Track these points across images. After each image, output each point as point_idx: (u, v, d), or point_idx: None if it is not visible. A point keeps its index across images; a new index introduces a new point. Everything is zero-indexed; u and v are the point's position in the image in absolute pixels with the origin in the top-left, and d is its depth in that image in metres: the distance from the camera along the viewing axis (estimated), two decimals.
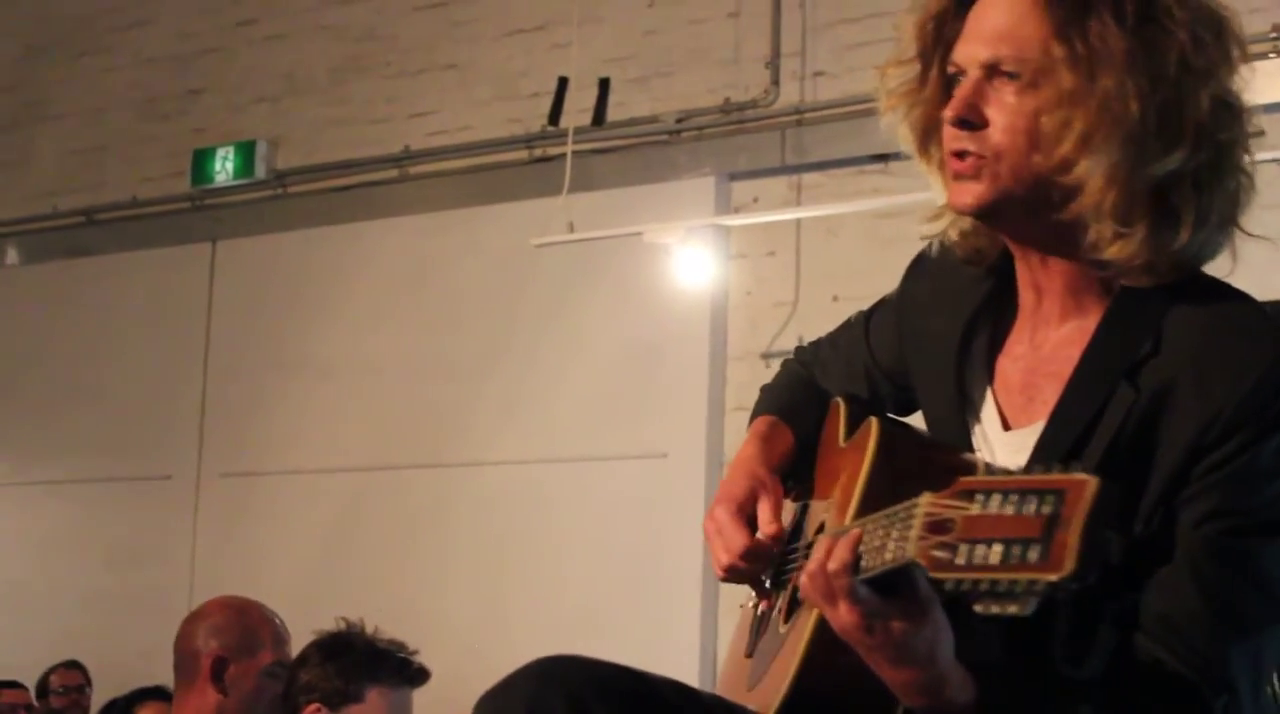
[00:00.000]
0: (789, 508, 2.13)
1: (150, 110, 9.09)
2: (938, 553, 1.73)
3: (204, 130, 8.88)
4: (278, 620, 4.66)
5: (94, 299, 8.97)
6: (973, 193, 2.13)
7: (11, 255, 9.47)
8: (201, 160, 8.76)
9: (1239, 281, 2.15)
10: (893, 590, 1.85)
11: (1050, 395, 2.13)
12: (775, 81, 7.31)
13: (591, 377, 7.45)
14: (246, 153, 8.64)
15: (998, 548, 1.68)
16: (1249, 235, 2.14)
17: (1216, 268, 2.16)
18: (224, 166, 8.68)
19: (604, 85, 7.55)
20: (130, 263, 8.94)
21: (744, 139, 7.34)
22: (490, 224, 7.84)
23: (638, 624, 6.29)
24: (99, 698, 7.51)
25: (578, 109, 7.55)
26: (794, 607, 2.25)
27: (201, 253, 8.78)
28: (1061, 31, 2.09)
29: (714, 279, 7.31)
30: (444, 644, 5.33)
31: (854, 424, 2.34)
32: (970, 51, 2.15)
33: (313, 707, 4.24)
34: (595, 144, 7.65)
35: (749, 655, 2.44)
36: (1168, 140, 2.07)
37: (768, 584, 2.39)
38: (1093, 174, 2.05)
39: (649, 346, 7.31)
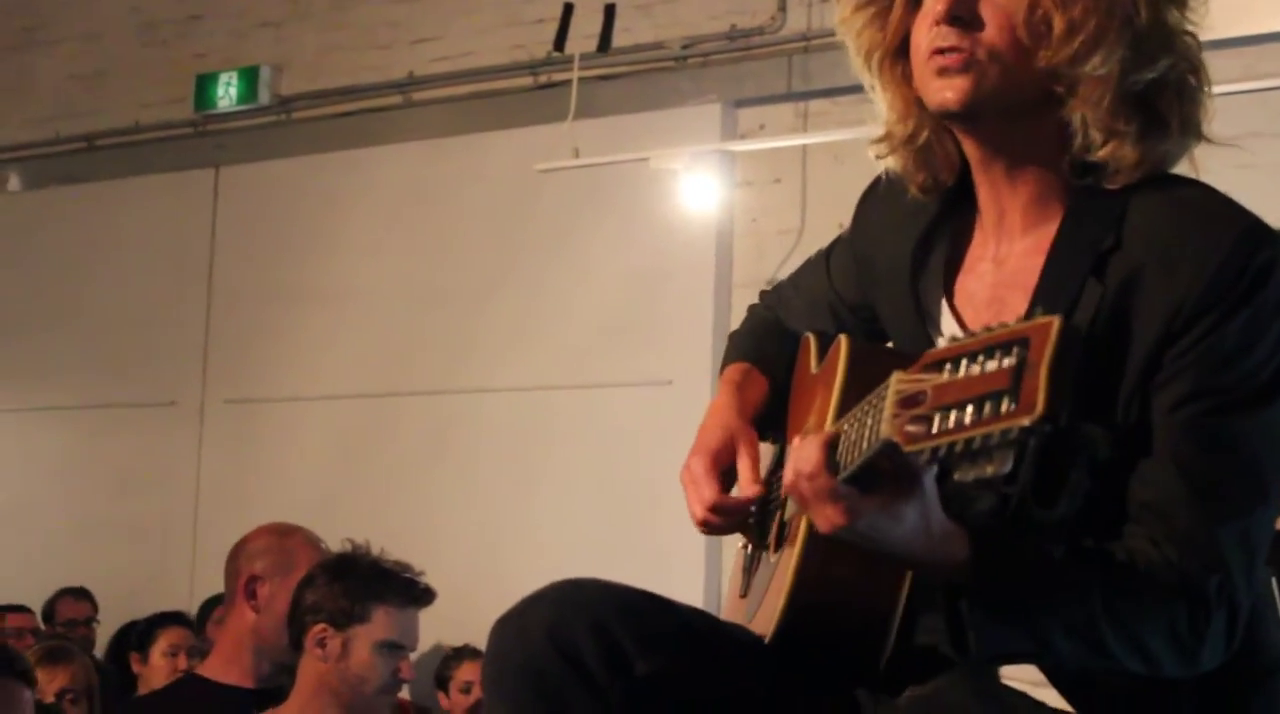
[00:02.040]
0: (769, 452, 2.12)
1: (151, 35, 9.06)
2: (912, 427, 1.73)
3: (206, 55, 8.86)
4: (320, 544, 4.70)
5: (96, 225, 8.95)
6: (957, 88, 2.11)
7: (13, 181, 9.46)
8: (204, 86, 8.75)
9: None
10: (877, 478, 1.86)
11: (1018, 304, 2.11)
12: (782, 8, 7.27)
13: (596, 303, 7.46)
14: (249, 78, 8.62)
15: (970, 408, 1.68)
16: (1212, 143, 2.18)
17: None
18: (227, 92, 8.66)
19: (609, 11, 7.51)
20: (132, 189, 8.93)
21: (750, 65, 7.32)
22: (494, 150, 7.83)
23: (641, 550, 6.31)
24: (107, 619, 7.54)
25: (583, 35, 7.52)
26: (783, 538, 2.26)
27: (204, 179, 8.76)
28: None
29: (720, 206, 7.32)
30: (449, 567, 5.34)
31: (824, 353, 2.34)
32: None
33: (319, 627, 4.27)
34: (600, 70, 7.63)
35: (743, 595, 2.46)
36: (1160, 46, 2.10)
37: (757, 522, 2.39)
38: (1099, 70, 2.06)
39: (654, 273, 7.31)
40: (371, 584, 4.29)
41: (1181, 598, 2.03)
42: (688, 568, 6.40)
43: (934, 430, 1.70)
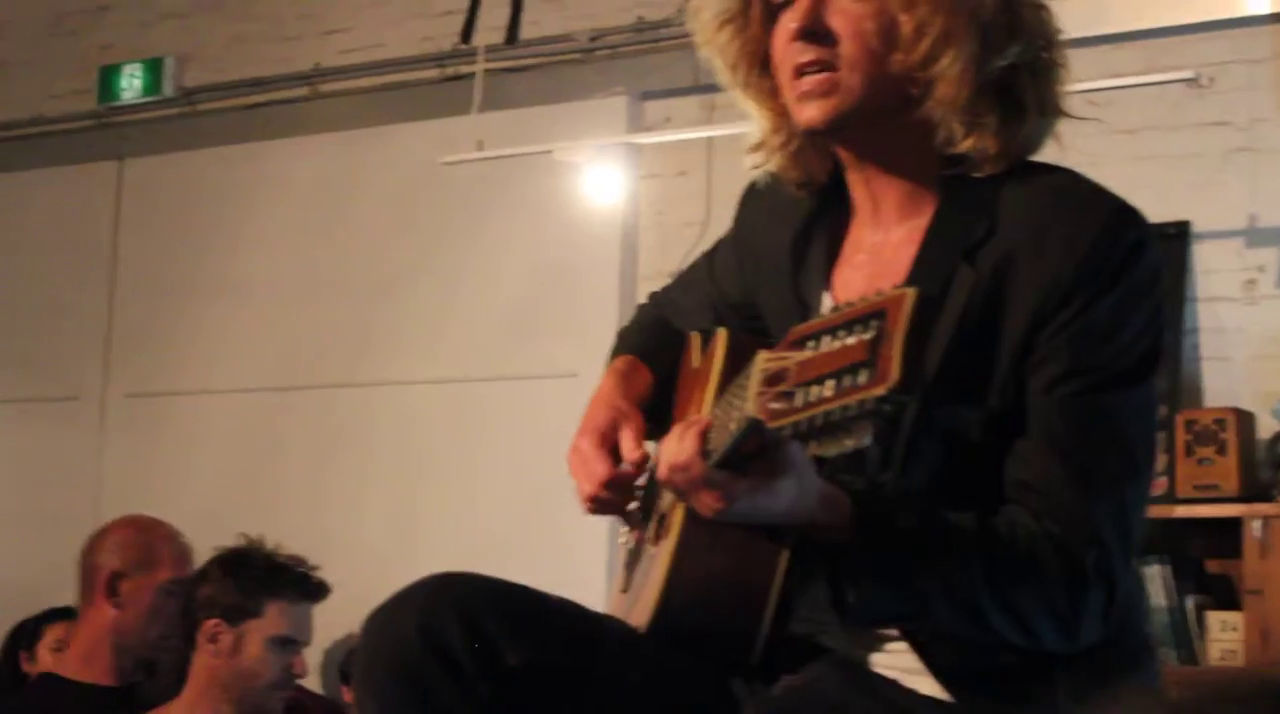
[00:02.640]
0: (694, 422, 2.12)
1: (56, 26, 8.97)
2: (775, 404, 1.78)
3: (111, 47, 8.77)
4: (181, 539, 4.68)
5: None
6: (823, 108, 2.21)
7: None
8: (108, 77, 8.64)
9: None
10: (749, 458, 1.91)
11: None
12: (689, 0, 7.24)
13: (501, 296, 7.46)
14: (154, 70, 8.53)
15: (830, 382, 1.73)
16: (1076, 118, 2.30)
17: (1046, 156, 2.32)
18: (131, 84, 8.56)
19: (517, 3, 7.51)
20: (35, 181, 8.83)
21: (657, 58, 7.30)
22: (401, 142, 7.80)
23: (548, 542, 6.32)
24: (5, 618, 7.46)
25: (490, 27, 7.51)
26: (661, 531, 2.30)
27: (108, 171, 8.67)
28: None
29: (625, 198, 7.33)
30: (356, 563, 5.35)
31: (707, 349, 2.40)
32: None
33: (212, 621, 4.27)
34: (507, 63, 7.61)
35: (625, 590, 2.49)
36: (1009, 33, 2.19)
37: (639, 516, 2.42)
38: (952, 69, 2.18)
39: (559, 266, 7.32)
40: (265, 579, 4.29)
41: (1060, 572, 2.10)
42: (592, 558, 6.34)
43: (797, 405, 1.75)
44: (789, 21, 2.17)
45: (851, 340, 1.73)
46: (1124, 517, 2.13)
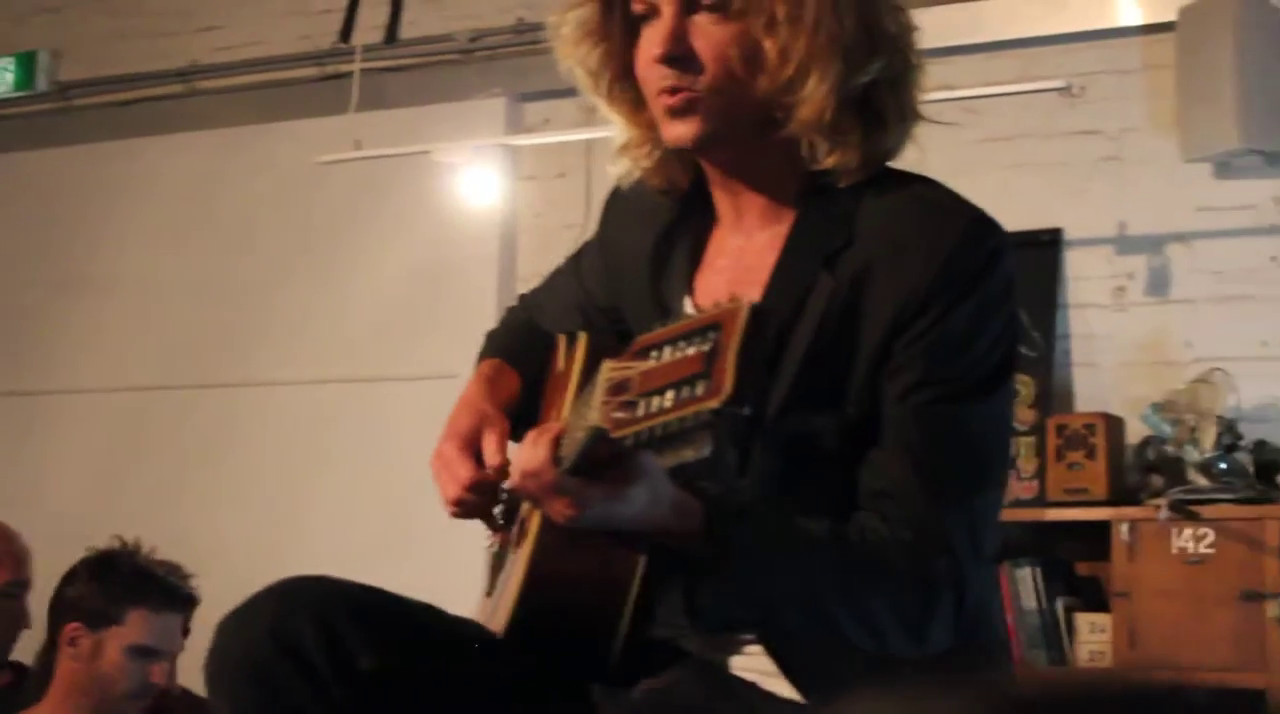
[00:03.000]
0: (547, 429, 2.12)
1: None
2: (619, 414, 1.82)
3: None
4: (19, 541, 4.62)
5: None
6: (689, 128, 2.22)
7: None
8: None
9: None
10: (600, 465, 1.94)
11: (756, 295, 2.21)
12: None
13: (379, 297, 7.43)
14: (27, 64, 8.42)
15: (670, 393, 1.77)
16: (937, 123, 2.31)
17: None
18: (3, 78, 8.46)
19: (396, 3, 7.50)
20: None
21: (537, 60, 7.25)
22: (277, 141, 7.75)
23: (424, 544, 6.28)
24: None
25: (369, 26, 7.50)
26: (522, 534, 2.31)
27: None
28: None
29: (503, 200, 7.34)
30: (228, 565, 5.28)
31: (570, 351, 2.42)
32: None
33: (72, 625, 4.21)
34: (386, 62, 7.59)
35: (489, 594, 2.48)
36: (870, 50, 2.21)
37: (501, 521, 2.42)
38: (816, 93, 2.17)
39: (437, 267, 7.31)
40: (129, 586, 4.23)
41: (911, 579, 2.13)
42: (468, 562, 6.29)
43: (639, 415, 1.78)
44: (653, 44, 2.18)
45: (690, 352, 1.76)
46: (975, 525, 2.16)
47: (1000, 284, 2.18)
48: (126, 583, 4.23)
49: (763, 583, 2.07)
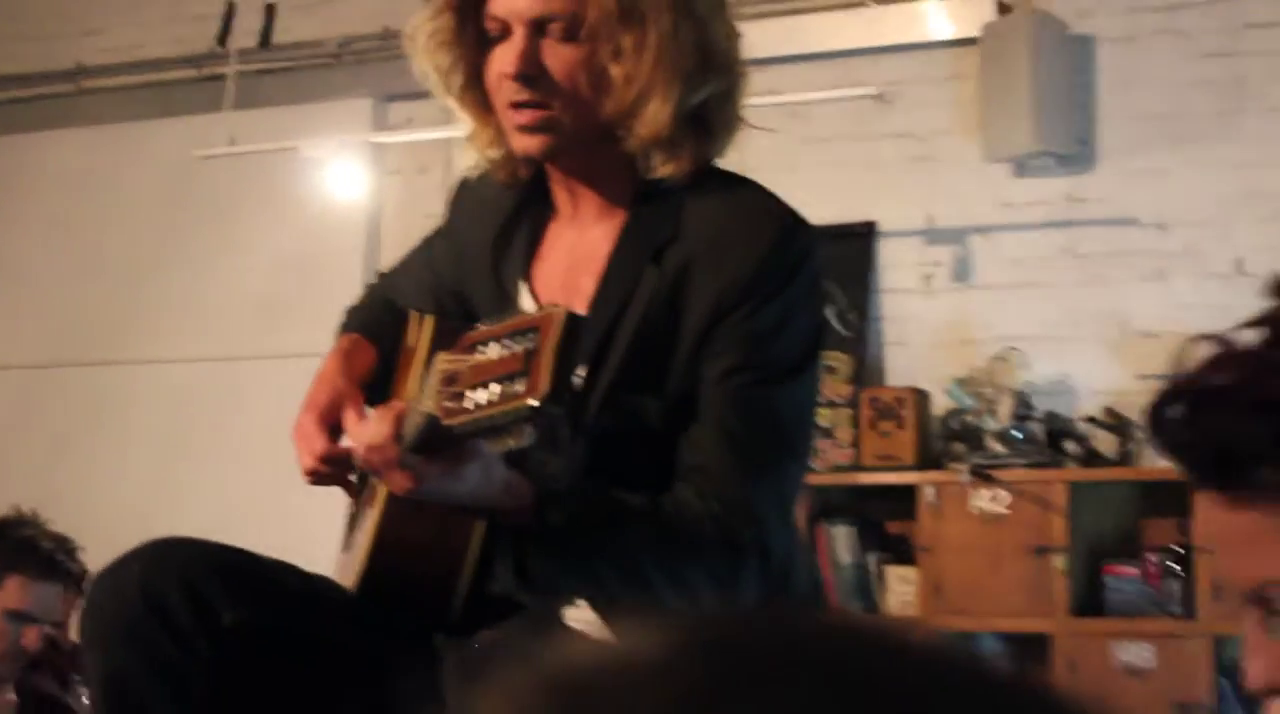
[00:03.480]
0: (391, 408, 2.15)
1: None
2: (449, 403, 1.87)
3: None
4: None
5: None
6: (537, 142, 2.26)
7: None
8: None
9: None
10: (436, 445, 1.98)
11: (588, 287, 2.27)
12: None
13: (253, 281, 7.41)
14: None
15: (495, 387, 1.82)
16: (756, 128, 2.33)
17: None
18: None
19: (270, 10, 7.48)
20: None
21: (401, 64, 7.14)
22: (159, 137, 7.73)
23: (293, 510, 6.25)
24: None
25: (245, 31, 7.49)
26: (372, 499, 2.32)
27: None
28: None
29: (369, 193, 7.38)
30: (105, 531, 5.22)
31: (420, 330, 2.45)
32: (513, 6, 2.21)
33: None
34: (261, 65, 7.58)
35: (345, 550, 2.48)
36: (705, 72, 2.23)
37: (357, 485, 2.42)
38: (658, 115, 2.16)
39: (308, 254, 7.29)
40: (7, 554, 4.16)
41: (721, 546, 2.17)
42: (325, 526, 6.25)
43: (467, 405, 1.84)
44: (505, 62, 2.19)
45: (512, 350, 1.82)
46: (780, 496, 2.22)
47: (808, 282, 2.24)
48: (6, 551, 4.16)
49: (584, 553, 2.12)
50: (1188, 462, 1.41)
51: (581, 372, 2.16)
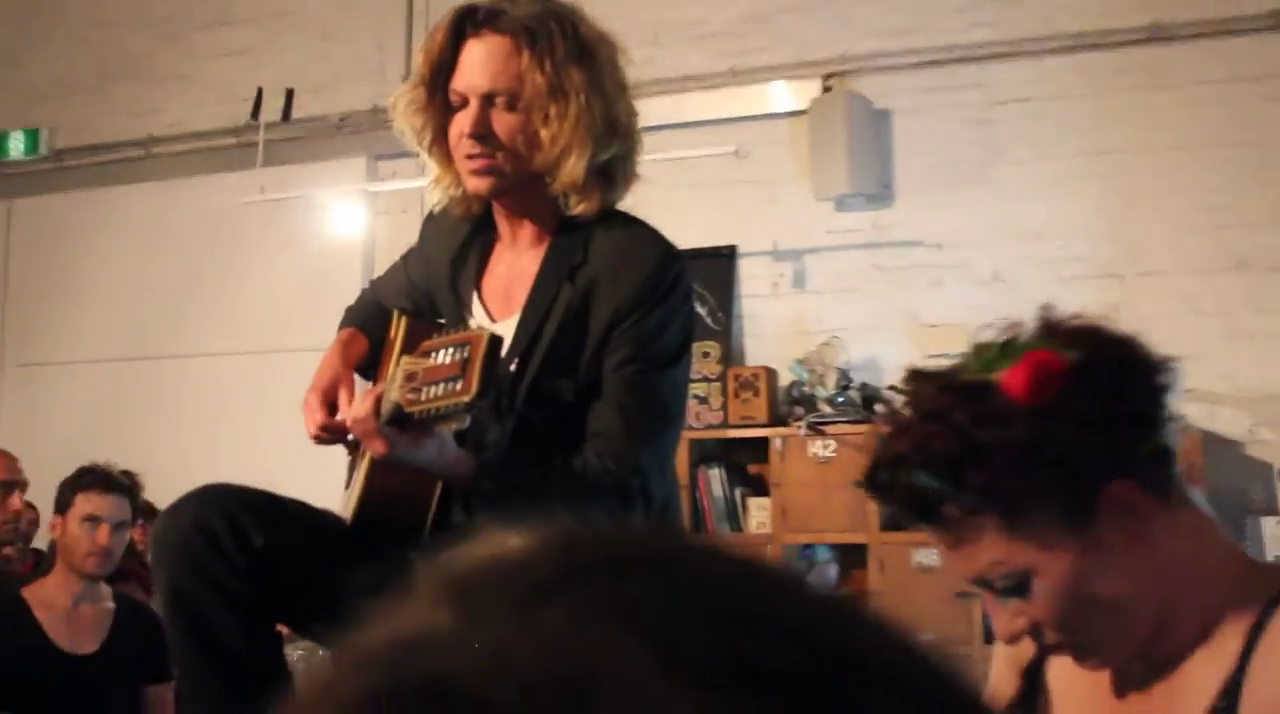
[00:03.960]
0: (373, 391, 2.14)
1: None
2: (409, 395, 1.89)
3: (0, 118, 8.35)
4: (14, 461, 4.57)
5: None
6: (487, 184, 2.26)
7: None
8: (1, 139, 8.26)
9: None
10: (401, 425, 1.96)
11: (521, 297, 2.26)
12: None
13: (279, 294, 7.31)
14: (33, 136, 8.17)
15: (441, 385, 1.84)
16: (647, 179, 2.32)
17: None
18: (16, 145, 8.18)
19: (289, 93, 7.39)
20: None
21: (387, 132, 7.12)
22: (207, 189, 7.60)
23: (305, 462, 6.25)
24: None
25: (273, 109, 7.37)
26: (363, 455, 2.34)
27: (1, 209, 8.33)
28: (539, 68, 2.13)
29: (365, 228, 7.29)
30: (170, 490, 5.18)
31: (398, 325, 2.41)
32: (471, 83, 2.19)
33: (55, 516, 4.17)
34: (283, 134, 7.44)
35: (347, 489, 2.48)
36: (610, 136, 2.21)
37: (353, 444, 2.42)
38: (572, 168, 2.15)
39: (320, 273, 7.15)
40: (76, 479, 4.15)
41: (616, 493, 2.16)
42: (331, 476, 6.29)
43: (423, 398, 1.86)
44: (463, 124, 2.16)
45: (453, 357, 1.84)
46: (659, 455, 2.20)
47: (681, 296, 2.22)
48: (73, 479, 4.14)
49: (511, 501, 2.10)
50: (899, 511, 1.47)
51: (513, 365, 2.18)
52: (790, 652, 0.45)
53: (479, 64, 2.16)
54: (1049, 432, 1.38)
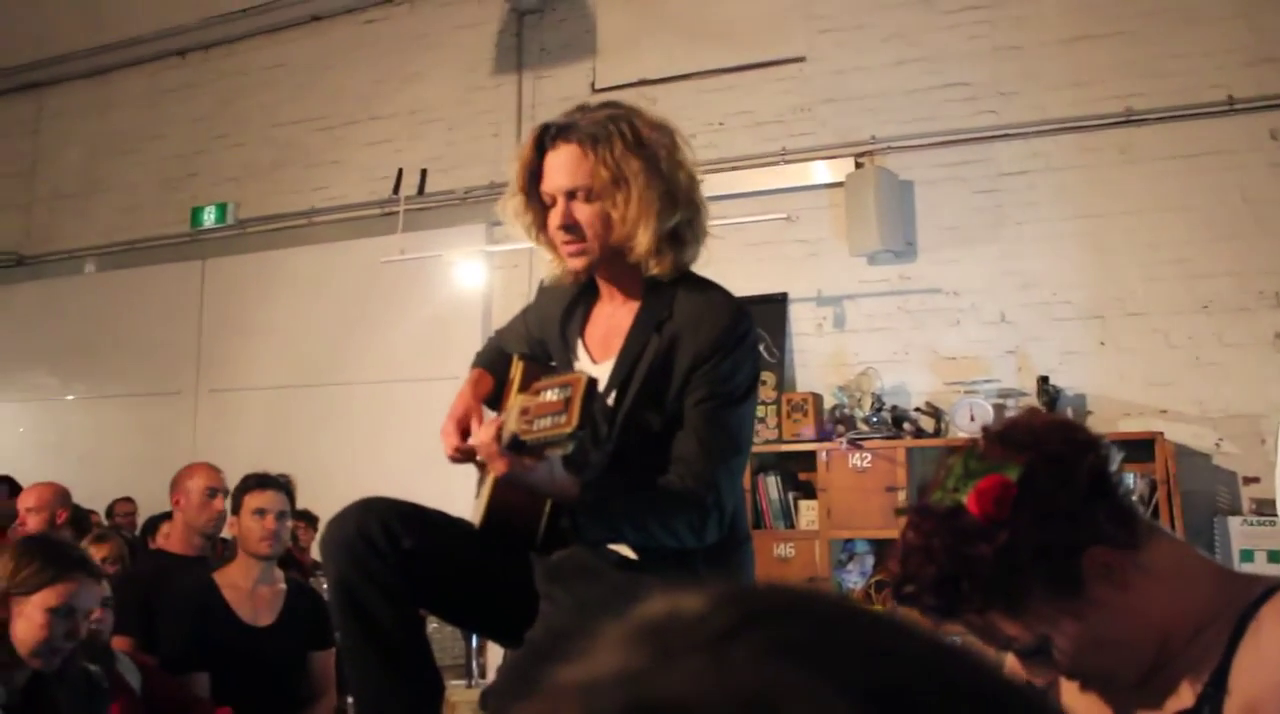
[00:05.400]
0: (494, 421, 2.13)
1: (167, 184, 8.66)
2: (524, 426, 1.87)
3: (197, 194, 8.49)
4: (218, 470, 4.61)
5: (140, 300, 8.52)
6: (581, 263, 2.24)
7: (89, 268, 8.90)
8: (196, 212, 8.38)
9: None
10: (519, 450, 1.92)
11: (618, 344, 2.23)
12: None
13: (417, 334, 7.30)
14: (222, 208, 8.28)
15: (549, 418, 1.81)
16: (715, 237, 2.28)
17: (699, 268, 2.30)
18: (210, 216, 8.30)
19: (423, 173, 7.41)
20: (158, 271, 8.52)
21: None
22: (357, 251, 7.62)
23: (444, 479, 6.25)
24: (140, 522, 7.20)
25: (410, 185, 7.38)
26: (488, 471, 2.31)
27: (197, 267, 8.40)
28: (603, 165, 2.13)
29: (484, 281, 7.25)
30: (336, 499, 5.20)
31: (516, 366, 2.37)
32: (555, 184, 2.19)
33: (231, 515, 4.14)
34: (418, 205, 7.45)
35: (476, 499, 2.46)
36: (673, 207, 2.18)
37: (482, 462, 2.40)
38: (643, 239, 2.14)
39: (449, 318, 7.19)
40: (245, 483, 4.12)
41: (694, 506, 2.11)
42: (466, 493, 6.28)
43: (534, 428, 1.84)
44: (554, 220, 2.17)
45: (557, 397, 1.83)
46: (730, 474, 2.15)
47: (750, 345, 2.18)
48: (241, 484, 4.13)
49: (611, 519, 2.07)
50: (928, 616, 1.42)
51: (610, 400, 2.16)
52: (926, 679, 0.47)
53: (558, 169, 2.16)
54: (1017, 536, 1.36)
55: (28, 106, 9.39)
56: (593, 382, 1.81)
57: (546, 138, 2.19)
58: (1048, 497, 1.38)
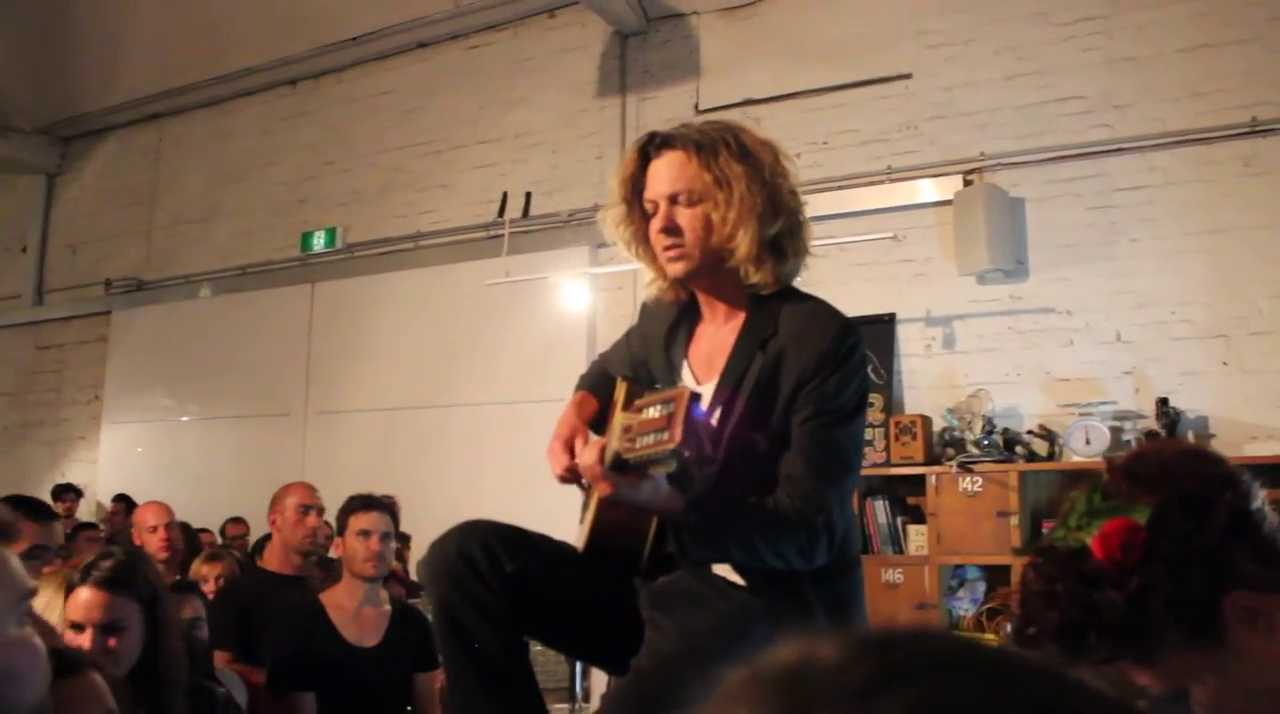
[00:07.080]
0: (598, 442, 2.10)
1: (277, 211, 8.86)
2: (627, 445, 1.83)
3: (308, 220, 8.67)
4: (313, 488, 4.66)
5: (253, 323, 8.70)
6: (680, 267, 2.21)
7: (205, 291, 9.14)
8: (306, 237, 8.55)
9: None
10: (623, 469, 1.90)
11: (722, 363, 2.19)
12: None
13: (522, 356, 7.33)
14: (331, 233, 8.45)
15: (652, 436, 1.78)
16: (818, 256, 2.26)
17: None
18: (320, 241, 8.47)
19: (528, 196, 7.46)
20: (271, 294, 8.72)
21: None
22: (463, 273, 7.69)
23: (548, 500, 6.25)
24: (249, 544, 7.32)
25: (515, 208, 7.45)
26: (592, 493, 2.28)
27: (306, 291, 8.55)
28: (706, 168, 2.13)
29: (588, 303, 7.27)
30: (439, 522, 5.24)
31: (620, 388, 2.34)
32: (657, 190, 2.19)
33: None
34: (523, 228, 7.51)
35: (580, 523, 2.43)
36: (774, 215, 2.15)
37: (586, 485, 2.38)
38: (743, 242, 2.11)
39: (556, 339, 7.22)
40: (347, 506, 4.17)
41: (803, 528, 2.06)
42: (569, 510, 6.27)
43: (637, 446, 1.80)
44: (656, 224, 2.16)
45: (659, 413, 1.79)
46: (841, 494, 2.10)
47: (857, 361, 2.13)
48: (345, 506, 4.15)
49: (718, 538, 2.03)
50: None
51: (714, 419, 2.12)
52: None
53: (661, 175, 2.16)
54: (1147, 582, 1.26)
55: (149, 136, 9.70)
56: (695, 395, 1.78)
57: (651, 147, 2.20)
58: (1181, 541, 1.27)
